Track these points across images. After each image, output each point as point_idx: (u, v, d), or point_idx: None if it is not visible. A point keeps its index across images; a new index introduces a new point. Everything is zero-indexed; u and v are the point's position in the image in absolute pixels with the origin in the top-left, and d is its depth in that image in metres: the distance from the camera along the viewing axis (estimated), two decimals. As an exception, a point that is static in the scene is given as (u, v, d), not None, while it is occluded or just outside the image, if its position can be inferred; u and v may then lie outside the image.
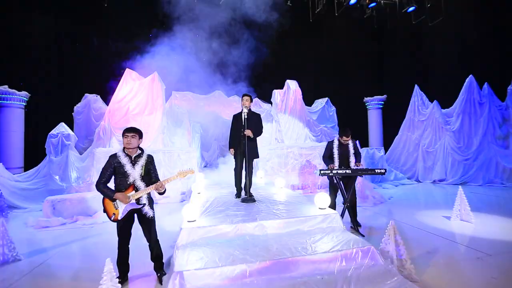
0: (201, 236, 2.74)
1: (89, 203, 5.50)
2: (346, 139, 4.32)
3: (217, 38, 10.79)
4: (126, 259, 2.78)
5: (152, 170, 2.84)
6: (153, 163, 2.87)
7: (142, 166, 2.73)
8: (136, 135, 2.75)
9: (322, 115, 10.52)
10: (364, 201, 6.10)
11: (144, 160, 2.77)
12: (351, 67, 12.24)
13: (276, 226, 2.93)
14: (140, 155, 2.77)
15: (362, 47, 12.20)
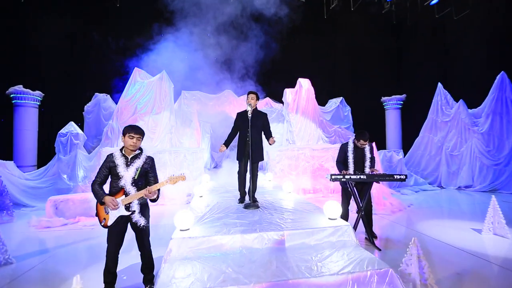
0: (192, 248, 2.44)
1: (91, 204, 5.37)
2: (363, 143, 3.89)
3: (227, 35, 10.58)
4: (114, 268, 2.52)
5: (151, 173, 2.57)
6: (152, 166, 2.61)
7: (137, 168, 2.46)
8: (141, 137, 2.51)
9: (336, 115, 10.02)
10: (380, 209, 5.60)
11: (141, 162, 2.50)
12: (368, 65, 11.63)
13: (278, 239, 2.58)
14: (137, 156, 2.51)
15: (380, 44, 11.55)
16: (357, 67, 11.62)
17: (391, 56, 11.98)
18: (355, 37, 11.41)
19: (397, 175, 3.54)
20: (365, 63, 11.57)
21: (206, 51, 10.50)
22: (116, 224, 2.41)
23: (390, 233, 4.33)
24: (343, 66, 11.78)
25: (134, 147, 2.45)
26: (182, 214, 2.69)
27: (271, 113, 10.57)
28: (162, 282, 1.98)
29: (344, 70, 11.76)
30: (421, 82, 10.75)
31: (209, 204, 3.98)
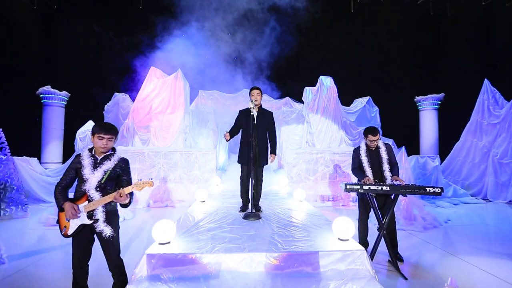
0: (167, 267, 2.06)
1: (99, 203, 5.30)
2: (372, 138, 3.28)
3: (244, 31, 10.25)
4: (83, 281, 2.21)
5: (125, 177, 2.26)
6: (126, 169, 2.29)
7: (106, 171, 2.15)
8: (113, 138, 2.21)
9: (362, 116, 9.17)
10: (410, 224, 4.81)
11: (112, 164, 2.19)
12: (400, 61, 10.56)
13: (271, 263, 2.11)
14: (108, 157, 2.20)
15: (413, 38, 10.42)
16: (388, 64, 10.60)
17: (427, 51, 10.76)
18: (386, 31, 10.42)
19: (430, 187, 2.86)
20: (397, 59, 10.51)
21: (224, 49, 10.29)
22: (79, 234, 2.11)
23: (420, 255, 3.60)
24: (371, 63, 10.81)
25: (104, 149, 2.15)
26: (161, 225, 2.32)
27: (291, 114, 10.03)
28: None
29: (372, 67, 10.80)
30: (462, 79, 9.47)
31: (207, 211, 3.61)
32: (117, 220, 2.29)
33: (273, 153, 3.67)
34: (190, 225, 2.90)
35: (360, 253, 2.17)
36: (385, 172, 3.36)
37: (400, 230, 4.55)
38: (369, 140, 3.35)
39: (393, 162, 3.46)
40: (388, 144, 3.55)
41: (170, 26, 10.08)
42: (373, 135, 3.32)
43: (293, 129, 9.63)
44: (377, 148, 3.46)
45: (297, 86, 9.20)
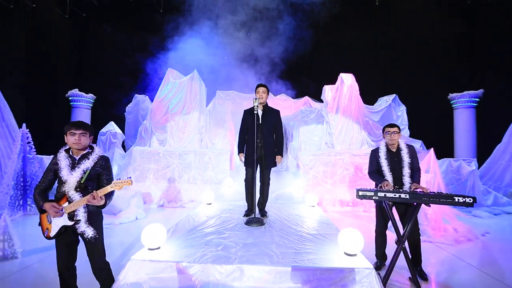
0: (151, 274, 1.93)
1: (113, 201, 5.40)
2: (390, 129, 2.96)
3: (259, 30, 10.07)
4: (71, 285, 2.16)
5: (105, 176, 2.17)
6: (107, 167, 2.19)
7: (85, 170, 2.07)
8: (87, 132, 2.12)
9: (387, 115, 8.51)
10: (439, 235, 4.27)
11: (91, 163, 2.10)
12: (430, 56, 9.70)
13: (263, 278, 1.88)
14: (86, 155, 2.12)
15: (447, 28, 9.50)
16: (417, 58, 9.78)
17: (462, 44, 9.75)
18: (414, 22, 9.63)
19: (459, 197, 2.43)
20: (427, 53, 9.66)
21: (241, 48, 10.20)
22: (61, 236, 2.04)
23: (449, 273, 3.14)
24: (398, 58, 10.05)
25: (78, 145, 2.05)
26: (151, 229, 2.20)
27: (310, 114, 9.62)
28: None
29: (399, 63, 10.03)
30: (503, 73, 8.42)
31: (210, 214, 3.46)
32: (100, 221, 2.19)
33: (279, 154, 3.43)
34: (187, 229, 2.76)
35: (368, 272, 1.86)
36: (404, 177, 2.96)
37: (426, 243, 4.07)
38: (387, 133, 2.98)
39: (416, 167, 3.04)
40: (412, 146, 3.14)
41: (186, 27, 10.21)
42: (389, 126, 2.98)
43: (312, 130, 9.24)
44: (398, 150, 3.07)
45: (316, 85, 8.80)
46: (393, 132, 2.99)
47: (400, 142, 3.09)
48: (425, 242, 4.09)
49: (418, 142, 7.38)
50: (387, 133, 3.02)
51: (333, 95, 7.81)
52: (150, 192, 6.74)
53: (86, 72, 10.28)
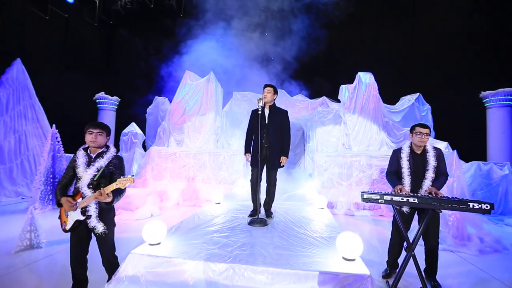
0: (148, 268, 1.99)
1: (130, 199, 5.68)
2: (421, 130, 2.74)
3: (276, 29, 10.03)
4: (80, 275, 2.27)
5: (117, 175, 2.27)
6: (120, 167, 2.31)
7: (98, 168, 2.21)
8: (104, 132, 2.27)
9: (409, 115, 8.06)
10: (461, 245, 3.96)
11: (105, 161, 2.24)
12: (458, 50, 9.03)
13: (255, 278, 1.87)
14: (102, 154, 2.26)
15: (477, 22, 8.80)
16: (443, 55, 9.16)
17: (495, 37, 8.95)
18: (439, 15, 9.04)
19: (474, 203, 2.23)
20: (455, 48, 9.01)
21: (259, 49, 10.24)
22: (76, 230, 2.18)
23: (470, 287, 2.89)
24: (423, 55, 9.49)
25: (94, 143, 2.20)
26: (151, 226, 2.28)
27: (327, 114, 9.40)
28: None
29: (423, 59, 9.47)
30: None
31: (216, 213, 3.51)
32: (111, 217, 2.31)
33: (284, 155, 3.38)
34: (190, 227, 2.83)
35: (364, 278, 1.78)
36: (426, 181, 2.75)
37: (446, 251, 3.81)
38: (418, 133, 2.76)
39: (442, 172, 2.79)
40: (439, 149, 2.90)
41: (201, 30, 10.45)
42: (422, 127, 2.76)
43: (329, 131, 9.02)
44: (424, 152, 2.86)
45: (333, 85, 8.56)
46: (425, 133, 2.76)
47: (427, 144, 2.89)
48: (444, 251, 3.83)
49: (443, 144, 6.89)
50: (417, 134, 2.79)
51: (350, 94, 7.57)
52: (167, 190, 6.98)
53: (112, 76, 10.92)
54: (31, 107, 7.30)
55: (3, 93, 6.71)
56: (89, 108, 10.15)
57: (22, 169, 6.97)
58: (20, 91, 7.07)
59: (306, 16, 10.04)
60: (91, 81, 10.58)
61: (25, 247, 3.56)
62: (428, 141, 2.96)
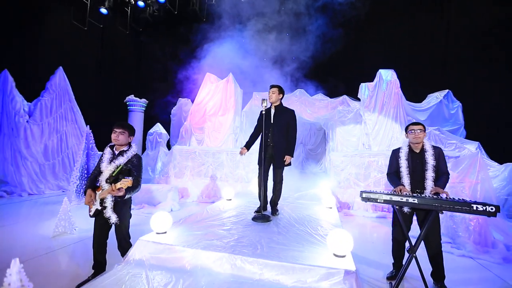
0: (152, 254, 2.22)
1: (153, 194, 6.12)
2: (414, 127, 2.74)
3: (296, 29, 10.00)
4: (99, 257, 2.57)
5: (135, 171, 2.54)
6: (137, 166, 2.57)
7: (118, 165, 2.49)
8: (125, 132, 2.56)
9: (436, 113, 7.60)
10: (483, 251, 3.71)
11: (125, 159, 2.52)
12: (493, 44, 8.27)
13: (245, 268, 2.00)
14: (123, 152, 2.55)
15: None
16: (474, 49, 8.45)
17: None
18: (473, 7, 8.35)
19: (478, 205, 2.14)
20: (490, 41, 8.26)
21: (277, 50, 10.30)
22: (97, 216, 2.49)
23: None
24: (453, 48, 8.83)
25: (116, 141, 2.49)
26: (158, 216, 2.52)
27: (348, 113, 9.18)
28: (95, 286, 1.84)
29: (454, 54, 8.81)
30: None
31: (225, 209, 3.70)
32: (126, 209, 2.58)
33: (289, 154, 3.46)
34: (197, 220, 3.04)
35: (349, 273, 1.82)
36: (427, 181, 2.70)
37: (465, 258, 3.61)
38: (411, 131, 2.76)
39: (443, 171, 2.73)
40: (439, 148, 2.84)
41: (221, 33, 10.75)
42: (414, 124, 2.76)
43: (349, 130, 8.81)
44: (422, 151, 2.81)
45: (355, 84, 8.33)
46: (417, 129, 2.75)
47: (425, 143, 2.83)
48: (463, 257, 3.63)
49: (473, 144, 6.41)
50: (410, 132, 2.80)
51: (370, 93, 7.35)
52: (187, 187, 7.37)
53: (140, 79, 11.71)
54: (71, 109, 8.15)
55: (48, 97, 7.59)
56: (120, 109, 10.99)
57: (63, 165, 7.81)
58: (61, 95, 7.94)
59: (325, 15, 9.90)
60: (123, 85, 11.46)
61: (61, 233, 4.05)
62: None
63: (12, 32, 7.88)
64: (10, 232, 4.16)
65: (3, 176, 6.71)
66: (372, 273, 3.08)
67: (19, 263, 1.82)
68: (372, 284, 2.84)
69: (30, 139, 7.14)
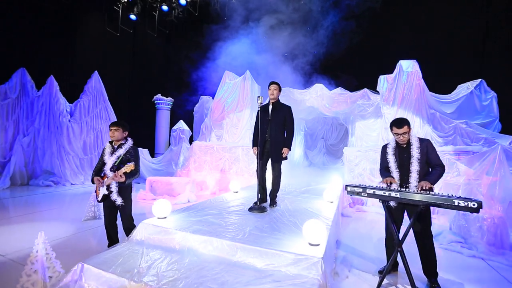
0: (151, 234, 2.55)
1: (173, 186, 6.62)
2: (397, 131, 2.69)
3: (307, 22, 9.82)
4: (112, 236, 3.00)
5: (133, 160, 2.92)
6: (135, 155, 2.95)
7: (119, 156, 2.89)
8: (120, 128, 2.95)
9: (466, 105, 7.01)
10: (497, 253, 3.50)
11: (123, 151, 2.91)
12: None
13: (226, 249, 2.22)
14: (121, 145, 2.94)
15: None
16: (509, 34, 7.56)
17: None
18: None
19: (460, 200, 2.10)
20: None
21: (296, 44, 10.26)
22: (105, 201, 2.91)
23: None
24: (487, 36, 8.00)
25: (112, 137, 2.87)
26: (159, 203, 2.85)
27: (368, 107, 8.86)
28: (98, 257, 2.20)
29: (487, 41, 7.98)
30: None
31: (228, 200, 3.96)
32: (127, 193, 2.96)
33: (287, 147, 3.59)
34: (198, 208, 3.33)
35: (316, 260, 1.95)
36: (412, 174, 2.67)
37: (476, 258, 3.45)
38: (394, 133, 2.76)
39: (435, 163, 2.68)
40: (427, 140, 2.79)
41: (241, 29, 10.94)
42: (397, 127, 2.71)
43: (370, 125, 8.52)
44: (408, 145, 2.79)
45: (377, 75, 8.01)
46: (401, 133, 2.71)
47: (411, 137, 2.80)
48: (473, 258, 3.47)
49: (507, 138, 5.82)
50: (394, 135, 2.78)
51: (389, 85, 7.03)
52: (206, 180, 7.81)
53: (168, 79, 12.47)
54: (105, 109, 9.06)
55: (85, 99, 8.55)
56: (149, 108, 11.87)
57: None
58: (97, 97, 8.86)
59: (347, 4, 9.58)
60: (151, 84, 12.32)
61: (90, 217, 4.67)
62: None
63: (55, 43, 8.95)
64: (51, 215, 4.90)
65: (51, 168, 7.77)
66: (369, 267, 3.10)
67: (44, 235, 2.26)
68: (362, 277, 2.89)
69: (71, 136, 8.14)
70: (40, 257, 2.23)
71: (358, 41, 9.36)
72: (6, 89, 7.59)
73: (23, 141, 7.56)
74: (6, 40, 7.63)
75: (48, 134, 7.88)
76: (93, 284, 1.94)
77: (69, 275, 2.03)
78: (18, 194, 6.60)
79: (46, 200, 6.09)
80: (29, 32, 8.22)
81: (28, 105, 7.87)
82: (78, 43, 9.70)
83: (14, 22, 7.86)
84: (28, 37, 8.21)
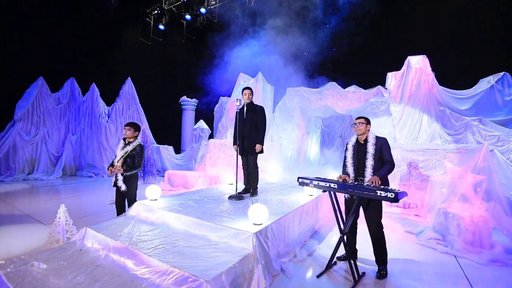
0: (141, 211, 3.25)
1: (187, 179, 7.44)
2: (355, 121, 2.98)
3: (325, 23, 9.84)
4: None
5: (136, 157, 3.65)
6: (139, 153, 3.66)
7: (126, 151, 3.64)
8: (131, 128, 3.69)
9: (486, 101, 6.56)
10: (474, 251, 3.49)
11: (131, 148, 3.66)
12: None
13: (189, 224, 2.80)
14: (130, 143, 3.70)
15: None
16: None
17: None
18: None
19: (382, 191, 2.36)
20: None
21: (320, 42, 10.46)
22: (115, 186, 3.69)
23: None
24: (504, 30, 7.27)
25: (125, 135, 3.61)
26: (151, 188, 3.55)
27: (381, 105, 8.69)
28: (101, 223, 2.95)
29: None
30: None
31: (219, 190, 4.56)
32: (133, 182, 3.69)
33: (259, 143, 4.02)
34: (187, 195, 3.98)
35: (249, 234, 2.42)
36: (367, 169, 2.93)
37: (448, 255, 3.52)
38: (353, 125, 3.04)
39: (386, 159, 2.95)
40: (383, 138, 3.03)
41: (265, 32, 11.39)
42: (357, 118, 3.01)
43: (382, 123, 8.35)
44: (366, 142, 3.05)
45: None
46: (358, 123, 3.01)
47: (369, 134, 3.05)
48: (446, 254, 3.54)
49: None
50: (352, 126, 3.08)
51: (397, 82, 6.92)
52: (219, 175, 8.52)
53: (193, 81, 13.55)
54: (137, 111, 10.34)
55: (120, 102, 9.89)
56: (177, 109, 13.06)
57: (132, 155, 10.08)
58: (130, 100, 10.17)
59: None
60: (178, 88, 13.52)
61: (113, 202, 5.64)
62: (370, 132, 2.99)
63: (97, 56, 10.47)
64: (86, 199, 6.02)
65: (93, 162, 9.23)
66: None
67: (64, 207, 3.08)
68: (319, 260, 3.20)
69: (108, 134, 9.52)
70: (61, 223, 3.07)
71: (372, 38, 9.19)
72: (59, 96, 9.23)
73: (72, 139, 9.12)
74: (58, 56, 9.25)
75: (91, 133, 9.36)
76: (90, 241, 2.67)
77: (77, 235, 2.80)
78: (68, 182, 8.05)
79: (87, 188, 7.37)
80: (77, 49, 9.80)
81: (75, 109, 9.43)
82: (116, 54, 11.18)
83: (65, 40, 9.46)
84: (76, 52, 9.79)
